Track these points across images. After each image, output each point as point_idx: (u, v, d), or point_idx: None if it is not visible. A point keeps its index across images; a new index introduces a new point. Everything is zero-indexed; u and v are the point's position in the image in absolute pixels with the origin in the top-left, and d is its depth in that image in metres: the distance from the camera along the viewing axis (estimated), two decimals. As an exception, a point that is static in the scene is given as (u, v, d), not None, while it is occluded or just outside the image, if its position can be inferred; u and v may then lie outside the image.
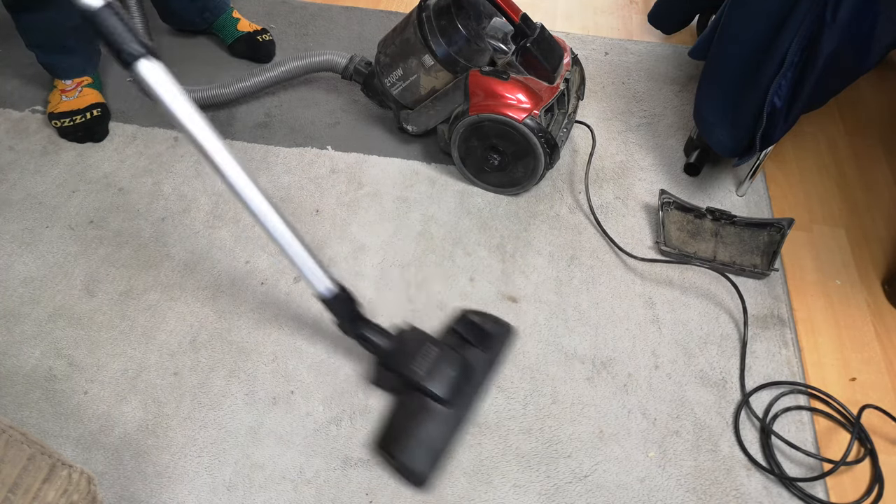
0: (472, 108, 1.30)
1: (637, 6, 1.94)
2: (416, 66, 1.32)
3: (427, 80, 1.33)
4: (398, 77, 1.35)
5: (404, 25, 1.33)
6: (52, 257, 1.28)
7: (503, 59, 1.30)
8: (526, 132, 1.28)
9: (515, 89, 1.27)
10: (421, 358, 1.06)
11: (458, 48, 1.27)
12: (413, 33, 1.29)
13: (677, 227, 1.37)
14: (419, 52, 1.29)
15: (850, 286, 1.32)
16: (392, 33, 1.37)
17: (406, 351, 1.07)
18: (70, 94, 1.48)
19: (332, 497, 1.02)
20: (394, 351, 1.07)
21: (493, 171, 1.38)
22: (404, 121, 1.44)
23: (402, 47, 1.32)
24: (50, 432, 1.07)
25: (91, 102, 1.48)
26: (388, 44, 1.36)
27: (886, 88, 1.73)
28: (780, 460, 1.08)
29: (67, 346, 1.16)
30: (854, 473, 1.08)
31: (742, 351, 1.20)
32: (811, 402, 1.15)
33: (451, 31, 1.26)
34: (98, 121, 1.48)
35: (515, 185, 1.39)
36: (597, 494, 1.04)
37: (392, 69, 1.35)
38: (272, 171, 1.44)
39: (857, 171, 1.53)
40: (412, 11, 1.32)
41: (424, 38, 1.27)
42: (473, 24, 1.29)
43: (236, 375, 1.14)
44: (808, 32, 1.14)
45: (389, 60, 1.35)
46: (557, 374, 1.17)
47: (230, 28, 1.68)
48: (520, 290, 1.27)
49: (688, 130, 1.57)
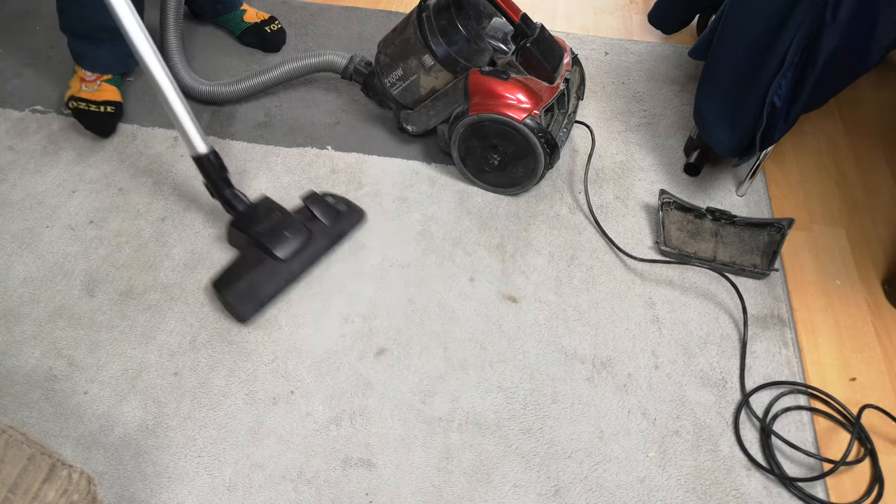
0: (472, 108, 1.30)
1: (637, 6, 1.93)
2: (416, 66, 1.32)
3: (427, 80, 1.33)
4: (398, 77, 1.36)
5: (404, 25, 1.33)
6: (52, 257, 1.28)
7: (503, 59, 1.30)
8: (526, 132, 1.28)
9: (515, 89, 1.27)
10: (266, 221, 1.26)
11: (458, 48, 1.27)
12: (413, 33, 1.29)
13: (677, 227, 1.37)
14: (419, 52, 1.29)
15: (850, 286, 1.32)
16: (392, 33, 1.37)
17: (256, 215, 1.27)
18: (89, 84, 1.49)
19: (332, 497, 1.02)
20: (246, 214, 1.26)
21: (493, 171, 1.38)
22: (404, 121, 1.44)
23: (402, 47, 1.32)
24: (50, 432, 1.07)
25: (107, 98, 1.49)
26: (388, 44, 1.36)
27: (886, 88, 1.73)
28: (781, 461, 1.08)
29: (67, 346, 1.16)
30: (854, 474, 1.08)
31: (742, 351, 1.20)
32: (811, 402, 1.15)
33: (451, 30, 1.26)
34: (109, 117, 1.48)
35: (515, 185, 1.39)
36: (597, 494, 1.04)
37: (392, 69, 1.36)
38: (272, 171, 1.44)
39: (857, 171, 1.53)
40: (412, 11, 1.32)
41: (424, 37, 1.27)
42: (473, 24, 1.29)
43: (236, 375, 1.14)
44: (808, 32, 1.14)
45: (389, 60, 1.36)
46: (557, 374, 1.17)
47: (237, 19, 1.69)
48: (520, 290, 1.27)
49: (688, 130, 1.57)
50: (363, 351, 1.18)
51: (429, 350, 1.19)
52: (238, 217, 1.26)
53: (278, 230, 1.25)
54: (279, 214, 1.28)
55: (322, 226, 1.29)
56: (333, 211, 1.32)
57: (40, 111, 1.53)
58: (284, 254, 1.23)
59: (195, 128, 1.20)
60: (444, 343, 1.20)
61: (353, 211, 1.35)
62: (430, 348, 1.19)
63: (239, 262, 1.24)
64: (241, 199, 1.27)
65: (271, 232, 1.24)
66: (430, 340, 1.20)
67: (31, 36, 1.70)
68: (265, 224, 1.25)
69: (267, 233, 1.24)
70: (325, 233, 1.29)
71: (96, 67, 1.49)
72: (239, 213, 1.26)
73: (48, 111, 1.52)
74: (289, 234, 1.24)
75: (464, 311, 1.24)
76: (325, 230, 1.29)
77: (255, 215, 1.27)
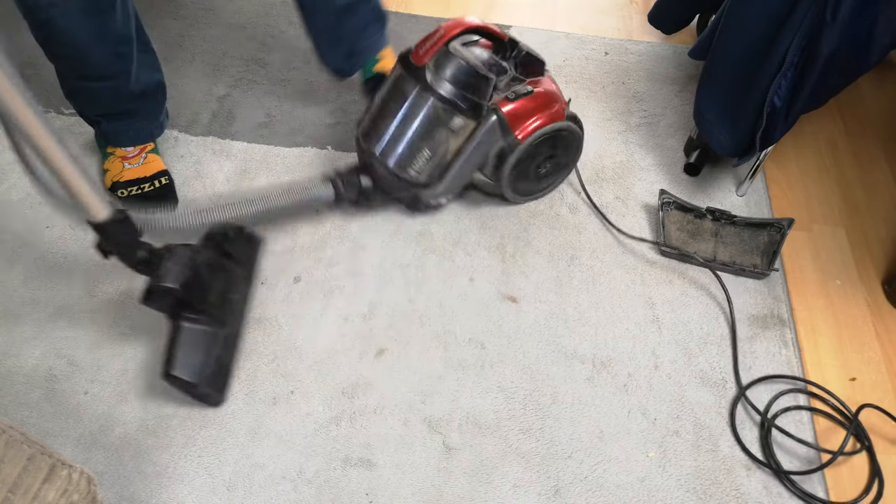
0: (520, 136, 1.25)
1: (637, 6, 1.94)
2: (444, 135, 1.22)
3: (454, 142, 1.24)
4: (427, 159, 1.23)
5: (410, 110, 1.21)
6: (53, 257, 1.28)
7: (504, 78, 1.27)
8: (573, 126, 1.31)
9: (544, 95, 1.27)
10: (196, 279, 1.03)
11: (481, 93, 1.21)
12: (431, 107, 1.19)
13: (677, 227, 1.37)
14: (445, 120, 1.20)
15: (851, 286, 1.32)
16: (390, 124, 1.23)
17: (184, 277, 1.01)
18: (133, 160, 1.36)
19: (332, 497, 1.02)
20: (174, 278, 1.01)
21: (542, 179, 1.37)
22: (431, 199, 1.32)
23: (424, 129, 1.21)
24: (50, 432, 1.07)
25: (157, 170, 1.37)
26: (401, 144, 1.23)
27: (886, 88, 1.73)
28: (780, 460, 1.08)
29: (67, 346, 1.16)
30: (853, 471, 1.08)
31: (733, 343, 1.20)
32: (811, 401, 1.15)
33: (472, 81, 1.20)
34: (168, 189, 1.36)
35: (559, 180, 1.42)
36: (597, 494, 1.04)
37: (416, 156, 1.23)
38: (272, 171, 1.44)
39: (857, 171, 1.53)
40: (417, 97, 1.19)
41: (448, 102, 1.18)
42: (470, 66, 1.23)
43: (237, 375, 1.14)
44: (807, 32, 1.14)
45: (409, 151, 1.23)
46: (557, 374, 1.17)
47: (368, 65, 1.50)
48: (520, 290, 1.27)
49: (688, 130, 1.57)
50: (363, 351, 1.18)
51: (429, 350, 1.19)
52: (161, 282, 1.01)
53: (221, 292, 1.09)
54: (205, 268, 1.06)
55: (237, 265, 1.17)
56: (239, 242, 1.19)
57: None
58: (233, 317, 1.10)
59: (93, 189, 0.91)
60: (444, 343, 1.20)
61: (253, 238, 1.24)
62: (430, 348, 1.19)
63: (186, 339, 1.05)
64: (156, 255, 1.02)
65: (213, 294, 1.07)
66: (430, 340, 1.20)
67: (30, 35, 1.69)
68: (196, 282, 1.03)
69: (210, 299, 1.07)
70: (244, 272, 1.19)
71: (138, 140, 1.36)
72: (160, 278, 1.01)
73: (47, 111, 1.52)
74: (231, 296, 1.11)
75: (464, 311, 1.24)
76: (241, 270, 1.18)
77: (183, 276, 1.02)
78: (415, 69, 1.19)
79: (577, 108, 1.62)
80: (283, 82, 1.63)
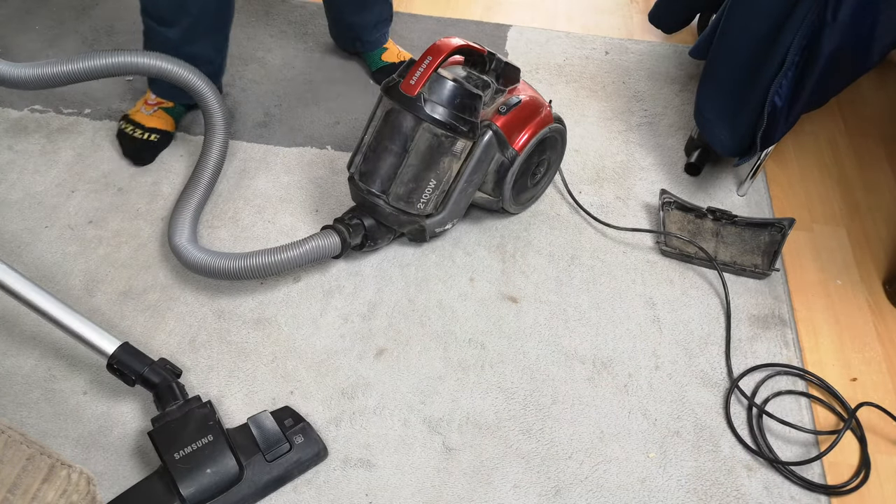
0: (517, 147, 1.24)
1: (637, 5, 1.93)
2: (448, 161, 1.18)
3: (455, 166, 1.20)
4: (433, 188, 1.19)
5: (418, 147, 1.17)
6: (52, 257, 1.28)
7: (489, 92, 1.24)
8: (561, 127, 1.32)
9: (531, 102, 1.26)
10: (190, 443, 0.98)
11: (474, 111, 1.19)
12: (434, 139, 1.16)
13: (678, 226, 1.37)
14: (449, 147, 1.17)
15: (851, 286, 1.32)
16: (395, 164, 1.18)
17: (184, 431, 0.99)
18: (148, 108, 1.46)
19: (331, 497, 1.02)
20: (173, 423, 1.00)
21: (534, 186, 1.36)
22: (437, 227, 1.27)
23: (427, 160, 1.17)
24: (49, 432, 1.07)
25: (155, 126, 1.45)
26: (405, 179, 1.19)
27: (887, 88, 1.73)
28: (779, 458, 1.08)
29: (68, 346, 1.16)
30: (850, 465, 1.08)
31: (727, 336, 1.20)
32: (811, 402, 1.15)
33: (469, 101, 1.17)
34: (149, 146, 1.44)
35: (550, 176, 1.41)
36: (597, 495, 1.04)
37: (422, 188, 1.19)
38: (272, 171, 1.44)
39: (857, 171, 1.53)
40: (416, 129, 1.15)
41: (450, 128, 1.15)
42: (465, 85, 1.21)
43: (236, 375, 1.14)
44: (808, 32, 1.13)
45: (413, 185, 1.18)
46: (558, 375, 1.16)
47: (375, 57, 1.63)
48: (520, 290, 1.27)
49: (688, 130, 1.56)
50: (363, 351, 1.18)
51: (429, 350, 1.19)
52: (162, 425, 1.00)
53: (200, 464, 0.97)
54: (210, 437, 0.99)
55: (261, 461, 1.00)
56: (282, 442, 1.02)
57: (39, 111, 1.53)
58: (192, 498, 0.96)
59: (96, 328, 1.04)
60: (444, 343, 1.20)
61: (310, 444, 1.04)
62: (430, 348, 1.19)
63: (138, 494, 0.98)
64: (177, 395, 1.04)
65: (190, 461, 0.97)
66: (430, 340, 1.20)
67: (30, 35, 1.70)
68: (187, 447, 0.98)
69: (184, 461, 0.97)
70: (260, 473, 1.00)
71: (159, 92, 1.46)
72: (165, 420, 1.01)
73: (47, 111, 1.52)
74: (210, 471, 0.97)
75: (464, 311, 1.24)
76: (263, 469, 1.00)
77: (183, 430, 1.00)
78: (408, 100, 1.14)
79: (577, 108, 1.62)
80: (283, 82, 1.63)
